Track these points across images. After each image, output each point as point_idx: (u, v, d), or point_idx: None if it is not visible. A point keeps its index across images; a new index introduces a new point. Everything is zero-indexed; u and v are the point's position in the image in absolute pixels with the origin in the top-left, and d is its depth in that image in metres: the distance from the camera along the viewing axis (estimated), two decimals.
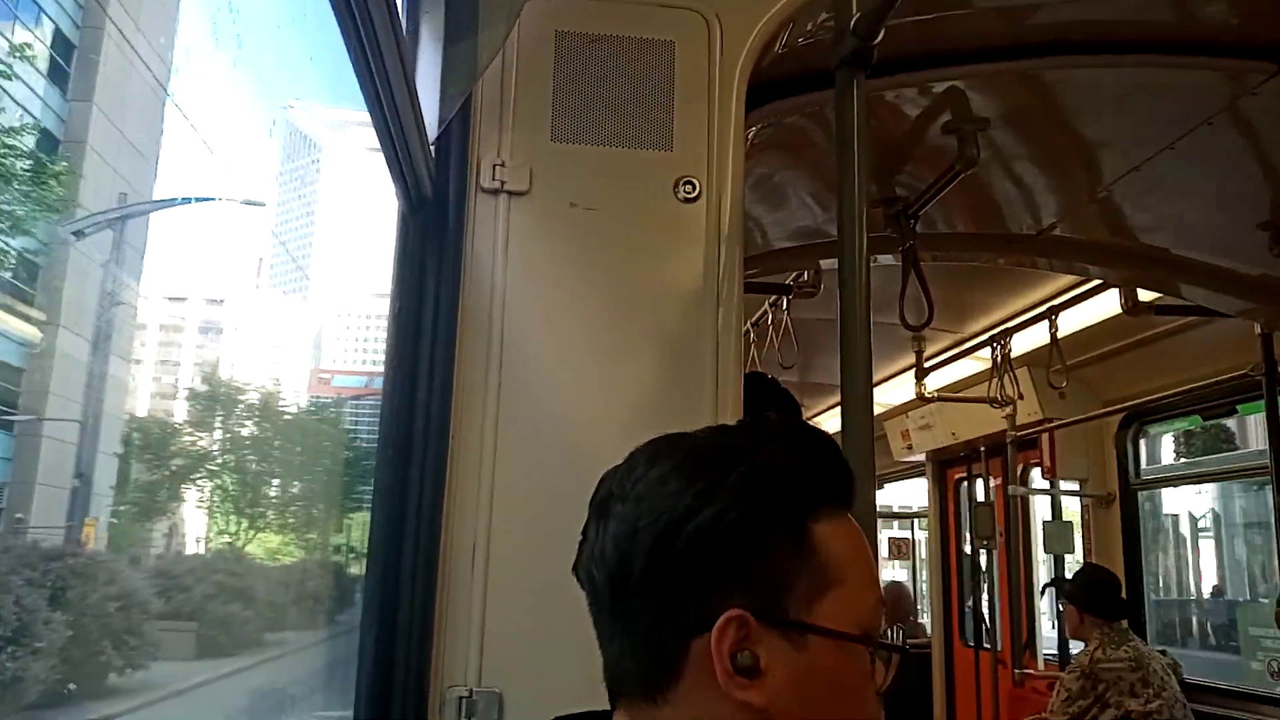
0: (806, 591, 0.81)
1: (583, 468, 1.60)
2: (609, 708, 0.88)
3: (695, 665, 0.80)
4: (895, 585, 7.81)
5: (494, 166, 1.65)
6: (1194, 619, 7.86)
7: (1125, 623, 4.24)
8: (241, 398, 24.95)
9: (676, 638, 0.81)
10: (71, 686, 10.69)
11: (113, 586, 11.77)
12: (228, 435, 24.46)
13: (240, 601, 16.10)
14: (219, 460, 23.80)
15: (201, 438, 23.83)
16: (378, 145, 1.35)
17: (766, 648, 0.80)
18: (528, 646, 1.55)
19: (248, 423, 24.69)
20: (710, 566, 0.81)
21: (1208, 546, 8.59)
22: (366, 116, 1.27)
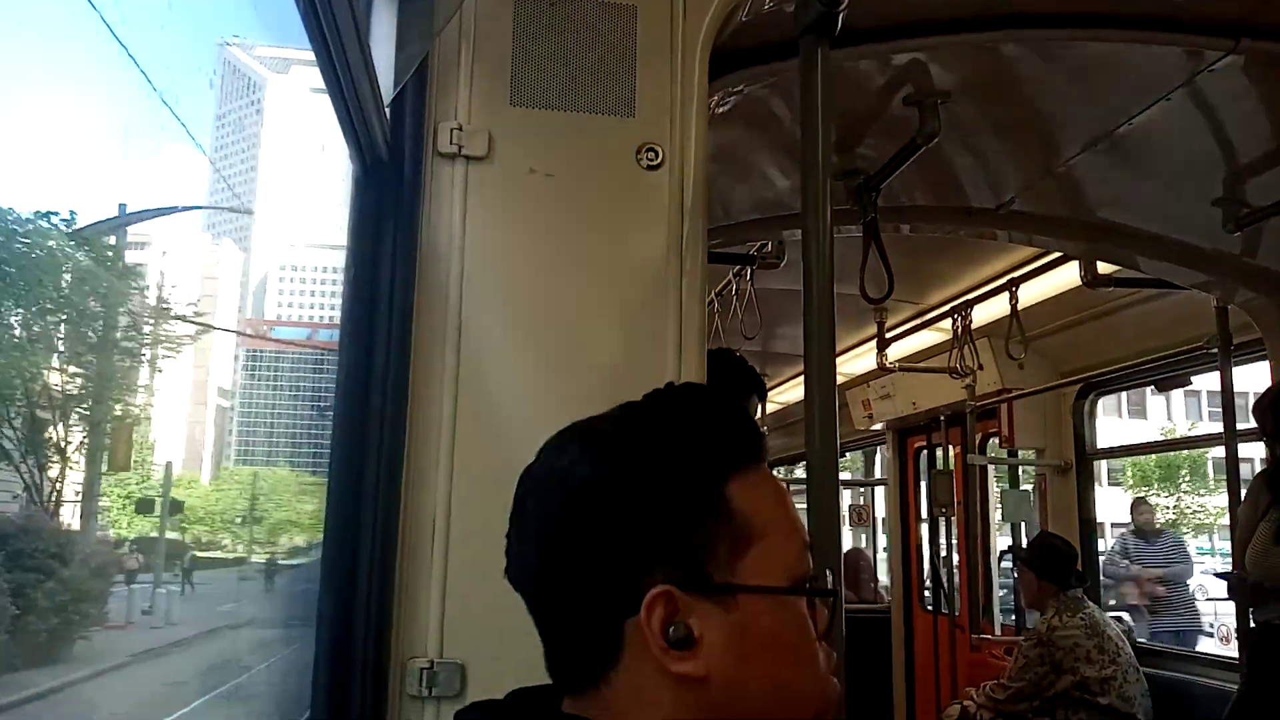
0: (728, 553, 0.81)
1: (543, 438, 1.59)
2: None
3: (631, 646, 0.80)
4: (855, 552, 7.91)
5: (451, 130, 1.61)
6: None
7: (1080, 591, 4.33)
8: None
9: (608, 622, 0.81)
10: None
11: None
12: None
13: None
14: None
15: None
16: (324, 86, 1.31)
17: (698, 616, 0.80)
18: (490, 617, 1.53)
19: None
20: (629, 545, 0.80)
21: None
22: (311, 55, 1.23)
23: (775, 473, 0.98)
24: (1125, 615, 5.60)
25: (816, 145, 1.58)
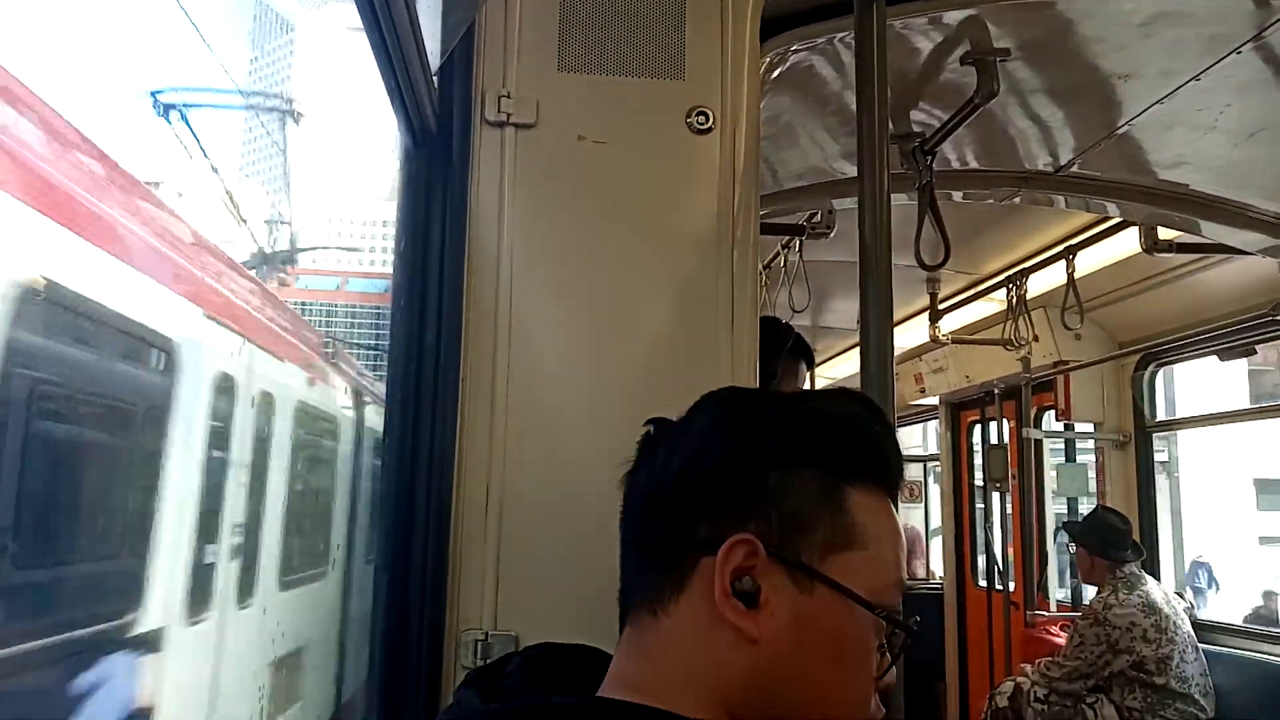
0: (825, 542, 0.83)
1: (594, 409, 1.58)
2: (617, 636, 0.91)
3: (698, 583, 0.83)
4: (907, 529, 7.85)
5: (499, 98, 1.59)
6: None
7: (1139, 565, 4.24)
8: None
9: (686, 553, 0.83)
10: None
11: None
12: None
13: None
14: None
15: None
16: (357, 25, 1.30)
17: (771, 583, 0.81)
18: (542, 589, 1.53)
19: None
20: (732, 490, 0.83)
21: None
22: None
23: None
24: (1187, 591, 5.47)
25: (873, 105, 1.54)
